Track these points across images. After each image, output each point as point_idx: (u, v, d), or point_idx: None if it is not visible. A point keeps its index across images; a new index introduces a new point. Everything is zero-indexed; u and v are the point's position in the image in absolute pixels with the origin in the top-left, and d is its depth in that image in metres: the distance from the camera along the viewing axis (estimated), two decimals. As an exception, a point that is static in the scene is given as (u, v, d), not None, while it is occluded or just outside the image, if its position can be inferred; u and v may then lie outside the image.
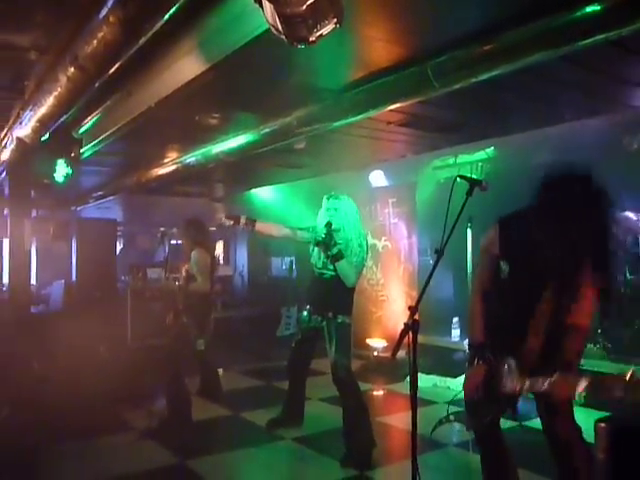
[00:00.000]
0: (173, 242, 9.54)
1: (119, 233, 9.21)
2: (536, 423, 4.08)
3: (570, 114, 5.02)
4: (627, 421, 1.46)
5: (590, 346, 5.12)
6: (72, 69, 3.16)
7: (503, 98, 4.63)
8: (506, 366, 2.66)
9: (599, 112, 4.97)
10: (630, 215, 5.23)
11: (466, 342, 3.05)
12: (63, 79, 3.31)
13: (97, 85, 3.45)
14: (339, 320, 4.08)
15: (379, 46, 3.56)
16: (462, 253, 5.46)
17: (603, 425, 1.29)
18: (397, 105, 4.01)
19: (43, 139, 4.65)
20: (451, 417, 4.24)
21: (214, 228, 10.26)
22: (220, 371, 6.00)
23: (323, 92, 4.26)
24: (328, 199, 4.18)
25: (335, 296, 4.13)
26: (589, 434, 1.43)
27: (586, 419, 2.57)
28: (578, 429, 2.68)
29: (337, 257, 3.99)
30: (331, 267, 4.10)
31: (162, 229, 6.00)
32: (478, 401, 2.84)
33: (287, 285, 9.48)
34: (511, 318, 2.75)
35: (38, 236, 9.36)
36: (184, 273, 5.13)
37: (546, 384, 2.42)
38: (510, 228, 2.79)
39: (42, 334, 6.43)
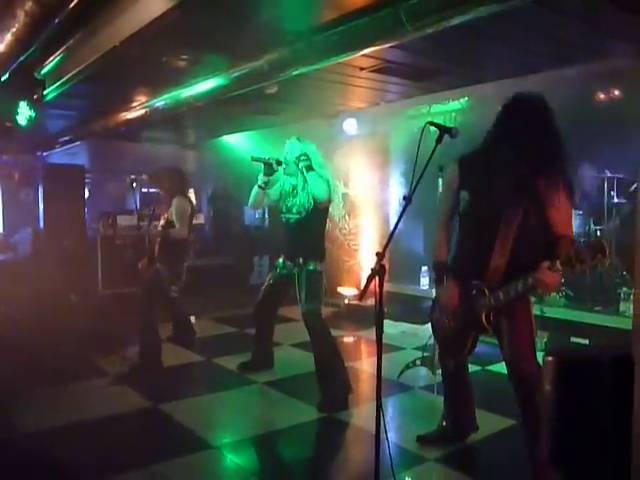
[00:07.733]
0: (144, 190, 9.42)
1: (87, 180, 8.97)
2: (498, 367, 4.26)
3: (545, 63, 4.98)
4: (575, 355, 1.53)
5: (553, 294, 5.27)
6: (30, 3, 3.01)
7: (478, 45, 4.56)
8: (474, 288, 2.75)
9: (574, 62, 4.93)
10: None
11: (434, 291, 3.15)
12: (21, 14, 3.15)
13: (58, 21, 3.29)
14: (310, 267, 4.12)
15: (352, -14, 3.46)
16: (432, 203, 5.48)
17: (550, 358, 1.36)
18: (370, 49, 3.92)
19: (3, 79, 4.45)
20: (417, 362, 4.40)
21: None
22: (192, 318, 6.02)
23: (294, 35, 4.13)
24: (297, 140, 4.19)
25: (303, 240, 4.17)
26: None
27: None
28: (541, 369, 2.79)
29: (308, 168, 4.03)
30: (295, 210, 4.16)
31: (132, 176, 5.88)
32: (449, 334, 2.95)
33: (259, 234, 9.47)
34: (474, 242, 2.83)
35: (3, 182, 9.13)
36: (162, 221, 5.18)
37: (530, 280, 2.53)
38: (470, 159, 2.89)
39: (10, 281, 6.35)
